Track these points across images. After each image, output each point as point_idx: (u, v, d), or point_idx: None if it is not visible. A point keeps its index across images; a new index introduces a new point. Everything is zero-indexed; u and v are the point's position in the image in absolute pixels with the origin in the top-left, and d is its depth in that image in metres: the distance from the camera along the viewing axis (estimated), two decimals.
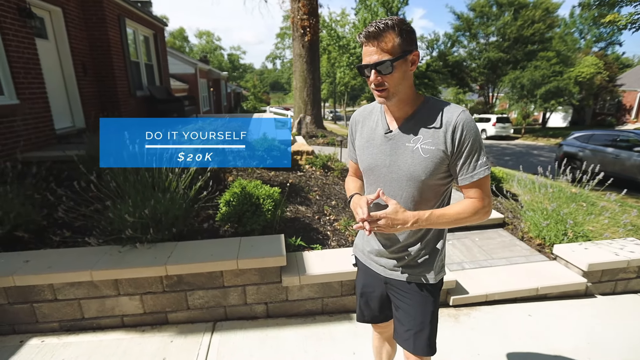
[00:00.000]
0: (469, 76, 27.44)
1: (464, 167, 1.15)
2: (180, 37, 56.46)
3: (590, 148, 9.00)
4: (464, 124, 1.11)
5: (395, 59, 1.06)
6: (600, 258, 2.85)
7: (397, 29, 1.06)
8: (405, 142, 1.18)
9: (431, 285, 1.32)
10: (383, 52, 1.06)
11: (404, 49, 1.08)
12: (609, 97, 26.05)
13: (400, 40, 1.06)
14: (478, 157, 1.14)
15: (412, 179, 1.18)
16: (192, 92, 16.51)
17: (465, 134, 1.11)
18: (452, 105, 1.15)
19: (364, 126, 1.33)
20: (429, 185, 1.19)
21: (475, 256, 3.28)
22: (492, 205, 1.22)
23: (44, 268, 2.20)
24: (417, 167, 1.16)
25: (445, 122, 1.13)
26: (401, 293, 1.35)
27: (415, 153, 1.16)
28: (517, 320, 2.53)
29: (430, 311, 1.32)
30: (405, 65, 1.10)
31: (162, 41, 9.64)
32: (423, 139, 1.15)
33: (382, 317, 1.52)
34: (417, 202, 1.22)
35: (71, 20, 5.87)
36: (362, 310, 1.54)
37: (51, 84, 5.35)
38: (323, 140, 8.81)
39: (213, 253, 2.35)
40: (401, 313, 1.36)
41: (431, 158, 1.14)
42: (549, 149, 17.97)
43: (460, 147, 1.12)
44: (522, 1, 24.70)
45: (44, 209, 2.78)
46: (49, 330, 2.31)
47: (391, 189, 1.24)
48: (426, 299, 1.32)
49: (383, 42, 1.06)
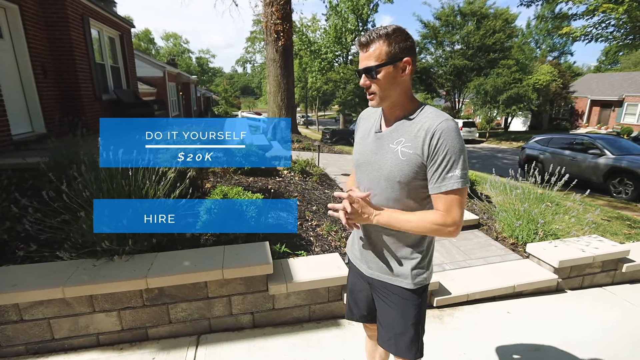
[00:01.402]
0: (436, 82, 28.45)
1: (434, 175, 1.13)
2: (146, 39, 54.52)
3: (550, 151, 9.60)
4: (443, 132, 1.10)
5: (380, 65, 1.13)
6: (569, 255, 3.02)
7: (386, 37, 1.13)
8: (390, 143, 1.22)
9: (411, 291, 1.31)
10: (370, 59, 1.14)
11: (392, 57, 1.13)
12: (563, 103, 27.95)
13: (388, 48, 1.13)
14: (450, 168, 1.10)
15: (389, 180, 1.21)
16: (161, 96, 15.96)
17: (442, 142, 1.10)
18: (439, 114, 1.17)
19: (364, 123, 1.40)
20: (407, 189, 1.20)
21: (455, 257, 3.38)
22: (457, 227, 1.13)
23: (8, 286, 2.02)
24: (394, 168, 1.19)
25: (426, 127, 1.14)
26: (383, 294, 1.37)
27: (395, 155, 1.20)
28: (498, 318, 2.62)
29: (412, 315, 1.32)
30: (394, 72, 1.15)
31: (128, 43, 9.26)
32: (404, 142, 1.18)
33: (370, 317, 1.53)
34: (394, 203, 1.23)
35: (29, 19, 5.51)
36: (352, 308, 1.56)
37: (7, 86, 4.99)
38: (299, 145, 8.78)
39: (196, 263, 2.26)
40: (382, 315, 1.38)
41: (407, 161, 1.17)
42: (512, 151, 18.95)
43: (434, 154, 1.12)
44: (483, 12, 26.01)
45: (5, 222, 2.56)
46: (14, 354, 2.12)
47: (372, 186, 1.28)
48: (407, 302, 1.32)
49: (371, 50, 1.14)
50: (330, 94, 33.03)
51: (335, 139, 19.32)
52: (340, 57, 30.83)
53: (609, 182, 8.08)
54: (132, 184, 2.50)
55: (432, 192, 1.16)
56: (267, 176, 4.45)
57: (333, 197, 4.26)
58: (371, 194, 1.26)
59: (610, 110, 25.09)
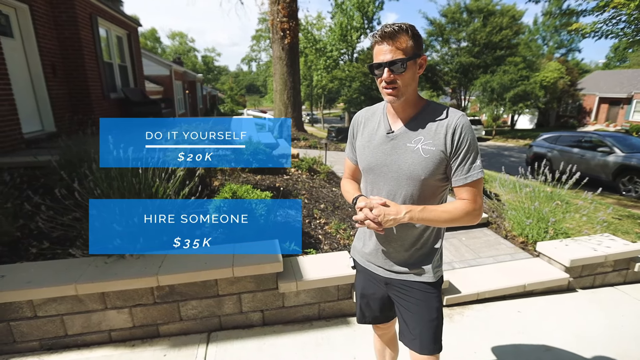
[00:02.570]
0: (442, 80, 28.26)
1: (459, 168, 1.19)
2: (152, 37, 54.77)
3: (558, 149, 9.50)
4: (463, 126, 1.16)
5: (409, 58, 1.12)
6: (581, 254, 2.98)
7: (409, 32, 1.13)
8: (407, 143, 1.22)
9: (431, 284, 1.33)
10: (398, 51, 1.11)
11: (415, 52, 1.14)
12: (571, 101, 27.64)
13: (413, 42, 1.13)
14: (473, 160, 1.18)
15: (412, 178, 1.21)
16: (168, 95, 16.04)
17: (463, 136, 1.16)
18: (452, 110, 1.22)
19: (365, 126, 1.36)
20: (428, 185, 1.22)
21: (464, 255, 3.36)
22: (482, 210, 1.24)
23: (22, 283, 2.04)
24: (417, 166, 1.19)
25: (445, 124, 1.18)
26: (403, 293, 1.36)
27: (416, 153, 1.20)
28: (508, 317, 2.60)
29: (435, 308, 1.33)
30: (414, 67, 1.16)
31: (136, 41, 9.31)
32: (424, 140, 1.19)
33: (382, 317, 1.52)
34: (414, 202, 1.24)
35: (39, 18, 5.56)
36: (363, 311, 1.54)
37: (18, 85, 5.04)
38: (305, 143, 8.78)
39: (206, 261, 2.27)
40: (406, 313, 1.36)
41: (431, 158, 1.18)
42: (519, 149, 18.79)
43: (458, 148, 1.17)
44: (490, 8, 25.77)
45: (18, 219, 2.59)
46: (29, 350, 2.15)
47: (390, 188, 1.27)
48: (429, 297, 1.33)
49: (398, 42, 1.11)
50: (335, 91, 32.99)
51: (341, 136, 19.31)
52: (346, 55, 30.75)
53: (619, 180, 7.98)
54: (142, 182, 2.52)
55: (457, 184, 1.20)
56: (275, 174, 4.45)
57: (342, 196, 4.25)
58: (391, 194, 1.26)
59: (619, 108, 24.76)
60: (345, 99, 27.36)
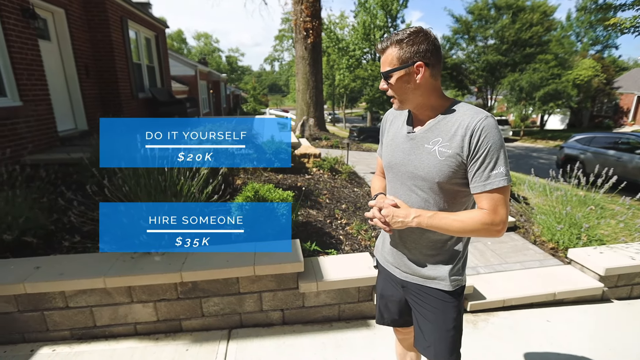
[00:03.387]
0: (467, 79, 27.54)
1: (477, 174, 1.10)
2: (179, 39, 56.35)
3: (592, 150, 9.04)
4: (484, 128, 1.08)
5: (392, 70, 1.15)
6: (617, 262, 2.82)
7: (398, 43, 1.13)
8: (425, 144, 1.19)
9: (449, 293, 1.27)
10: (385, 64, 1.17)
11: (404, 62, 1.13)
12: (607, 100, 26.26)
13: (400, 53, 1.12)
14: (495, 166, 1.08)
15: (426, 180, 1.18)
16: (192, 94, 16.44)
17: (483, 139, 1.08)
18: (477, 110, 1.13)
19: (392, 124, 1.36)
20: (444, 189, 1.18)
21: (489, 260, 3.25)
22: (505, 225, 1.11)
23: (56, 275, 2.14)
24: (432, 168, 1.16)
25: (465, 125, 1.11)
26: (419, 298, 1.32)
27: (432, 155, 1.16)
28: (536, 327, 2.49)
29: (451, 318, 1.28)
30: (407, 76, 1.14)
31: (163, 43, 9.59)
32: (442, 142, 1.15)
33: (401, 321, 1.49)
34: (430, 205, 1.21)
35: (74, 22, 5.82)
36: (382, 312, 1.53)
37: (54, 86, 5.29)
38: (327, 143, 8.77)
39: (228, 259, 2.30)
40: (421, 320, 1.33)
41: (446, 161, 1.13)
42: (548, 151, 18.06)
43: (476, 152, 1.09)
44: (520, 4, 24.86)
45: (53, 214, 2.72)
46: (60, 338, 2.25)
47: (406, 188, 1.25)
48: (445, 305, 1.28)
49: (385, 55, 1.16)
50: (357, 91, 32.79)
51: (362, 136, 19.16)
52: (369, 54, 30.48)
53: None
54: (167, 180, 2.58)
55: (475, 190, 1.12)
56: (297, 174, 4.46)
57: (363, 197, 4.21)
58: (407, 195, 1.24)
59: None
60: (367, 98, 27.13)
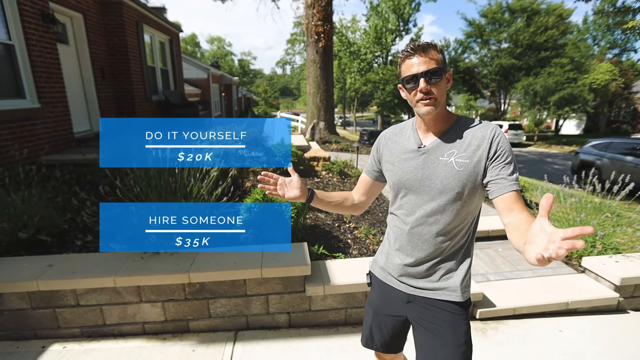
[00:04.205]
0: (480, 82, 27.20)
1: (503, 177, 1.13)
2: (192, 42, 57.29)
3: (609, 156, 8.81)
4: (500, 138, 1.15)
5: (443, 68, 1.15)
6: (633, 272, 2.74)
7: (437, 47, 1.17)
8: (439, 156, 1.19)
9: (459, 304, 1.25)
10: (432, 61, 1.13)
11: (445, 65, 1.18)
12: (625, 105, 25.59)
13: (442, 56, 1.17)
14: (513, 171, 1.14)
15: (445, 192, 1.18)
16: (205, 97, 16.66)
17: (501, 147, 1.14)
18: (484, 122, 1.21)
19: (395, 143, 1.33)
20: (461, 199, 1.18)
21: (500, 267, 3.19)
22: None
23: (68, 273, 2.19)
24: (451, 180, 1.16)
25: (480, 136, 1.16)
26: (428, 312, 1.27)
27: (449, 166, 1.17)
28: (548, 336, 2.43)
29: (463, 331, 1.24)
30: (445, 80, 1.18)
31: (177, 46, 9.75)
32: (457, 153, 1.17)
33: (392, 346, 1.42)
34: (447, 215, 1.20)
35: (91, 26, 5.97)
36: (373, 334, 1.42)
37: (71, 88, 5.43)
38: (337, 146, 8.77)
39: (236, 261, 2.32)
40: (428, 336, 1.26)
41: (465, 171, 1.15)
42: (563, 156, 17.68)
43: (497, 158, 1.13)
44: (534, 7, 24.49)
45: (67, 213, 2.78)
46: (71, 336, 2.29)
47: (422, 202, 1.23)
48: (456, 318, 1.24)
49: (430, 54, 1.14)
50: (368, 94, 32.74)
51: (373, 140, 19.08)
52: (380, 58, 30.43)
53: None
54: (178, 181, 2.62)
55: (503, 191, 1.11)
56: (306, 176, 4.47)
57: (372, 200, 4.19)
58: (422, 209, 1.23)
59: None
60: (378, 102, 27.06)
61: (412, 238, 1.27)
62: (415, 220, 1.25)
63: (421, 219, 1.23)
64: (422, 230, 1.23)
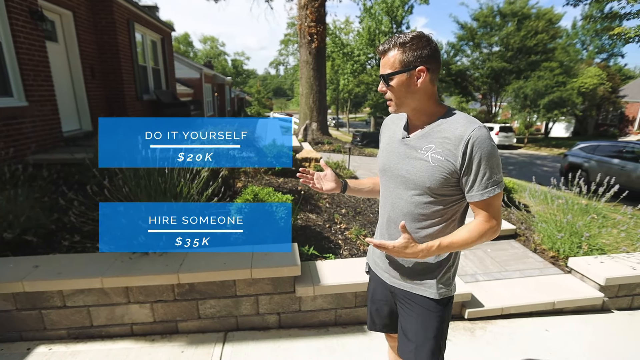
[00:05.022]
0: (472, 85, 27.50)
1: (473, 183, 1.14)
2: (185, 42, 56.87)
3: (596, 159, 8.98)
4: (477, 139, 1.10)
5: (393, 73, 1.15)
6: (618, 272, 2.79)
7: (401, 46, 1.13)
8: (418, 149, 1.21)
9: (435, 301, 1.28)
10: (385, 67, 1.17)
11: (406, 65, 1.13)
12: (612, 108, 26.12)
13: (402, 56, 1.13)
14: (490, 175, 1.12)
15: (418, 186, 1.20)
16: (197, 97, 16.55)
17: (476, 150, 1.10)
18: (470, 120, 1.16)
19: (389, 129, 1.38)
20: (435, 194, 1.19)
21: (488, 268, 3.23)
22: (500, 225, 1.22)
23: (54, 274, 2.15)
24: (424, 174, 1.18)
25: (458, 135, 1.13)
26: (405, 304, 1.34)
27: (424, 161, 1.18)
28: (535, 336, 2.47)
29: (433, 326, 1.28)
30: (408, 80, 1.14)
31: (169, 46, 9.68)
32: (434, 149, 1.17)
33: (393, 326, 1.50)
34: (422, 208, 1.22)
35: (81, 24, 5.90)
36: (373, 317, 1.54)
37: (60, 87, 5.35)
38: (329, 147, 8.78)
39: (226, 261, 2.31)
40: (404, 325, 1.35)
41: (438, 168, 1.15)
42: (552, 158, 17.97)
43: (470, 162, 1.12)
44: (525, 12, 24.84)
45: (54, 213, 2.74)
46: (57, 337, 2.26)
47: (399, 192, 1.26)
48: (429, 313, 1.29)
49: (386, 58, 1.16)
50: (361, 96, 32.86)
51: (365, 141, 19.16)
52: (373, 60, 30.56)
53: None
54: (167, 182, 2.60)
55: (473, 199, 1.17)
56: (298, 177, 4.46)
57: (363, 201, 4.21)
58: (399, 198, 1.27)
59: None
60: (371, 103, 27.22)
61: (390, 227, 1.31)
62: (392, 209, 1.29)
63: (396, 209, 1.27)
64: (397, 220, 1.26)
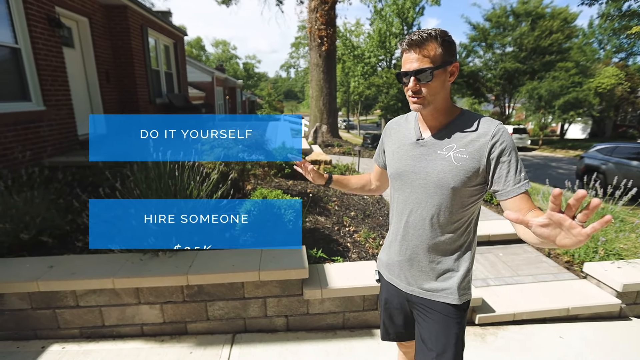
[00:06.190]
0: (484, 86, 27.13)
1: (507, 179, 1.08)
2: (197, 46, 57.73)
3: (614, 161, 8.74)
4: (501, 136, 1.09)
5: (436, 67, 1.08)
6: (636, 278, 2.71)
7: (439, 39, 1.08)
8: (437, 150, 1.17)
9: (455, 307, 1.24)
10: (425, 60, 1.08)
11: (445, 59, 1.09)
12: (631, 109, 25.41)
13: (442, 50, 1.08)
14: (520, 170, 1.09)
15: (440, 186, 1.15)
16: (209, 100, 16.77)
17: (504, 147, 1.08)
18: (488, 118, 1.15)
19: (397, 133, 1.34)
20: (457, 195, 1.15)
21: (500, 272, 3.17)
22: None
23: (68, 274, 2.20)
24: (447, 174, 1.13)
25: (481, 133, 1.11)
26: (424, 312, 1.29)
27: (447, 161, 1.14)
28: (548, 342, 2.41)
29: (454, 333, 1.24)
30: (444, 75, 1.11)
31: (181, 50, 9.84)
32: (456, 148, 1.13)
33: (407, 334, 1.45)
34: (442, 211, 1.18)
35: (97, 30, 6.04)
36: (387, 327, 1.48)
37: (76, 91, 5.50)
38: (339, 150, 8.77)
39: (234, 263, 2.32)
40: (424, 333, 1.29)
41: (463, 167, 1.12)
42: (568, 160, 17.57)
43: (499, 159, 1.09)
44: (539, 11, 24.41)
45: (68, 214, 2.81)
46: (70, 336, 2.31)
47: (417, 196, 1.22)
48: (449, 320, 1.24)
49: (425, 50, 1.07)
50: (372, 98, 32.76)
51: (376, 143, 19.08)
52: (384, 62, 30.48)
53: None
54: (177, 184, 2.64)
55: (509, 195, 1.08)
56: (307, 180, 4.48)
57: (372, 204, 4.19)
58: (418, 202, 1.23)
59: None
60: (382, 105, 27.05)
61: (407, 233, 1.26)
62: (410, 214, 1.24)
63: (415, 213, 1.22)
64: (417, 225, 1.22)
